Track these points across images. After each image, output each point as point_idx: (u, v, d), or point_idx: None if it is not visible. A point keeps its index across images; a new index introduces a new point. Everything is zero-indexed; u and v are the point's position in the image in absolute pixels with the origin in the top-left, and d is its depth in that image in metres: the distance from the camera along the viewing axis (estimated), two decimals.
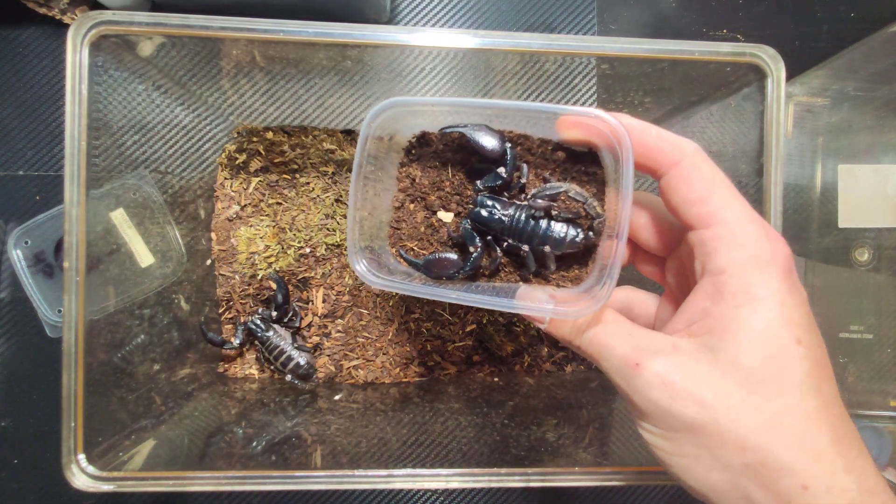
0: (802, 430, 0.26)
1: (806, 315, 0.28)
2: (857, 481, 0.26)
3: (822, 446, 0.26)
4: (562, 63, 0.52)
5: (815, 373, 0.27)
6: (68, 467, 0.39)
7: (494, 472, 0.41)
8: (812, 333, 0.28)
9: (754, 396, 0.27)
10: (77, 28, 0.38)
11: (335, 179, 0.59)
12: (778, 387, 0.27)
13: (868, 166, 0.66)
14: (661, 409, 0.28)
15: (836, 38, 0.67)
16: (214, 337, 0.56)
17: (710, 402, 0.27)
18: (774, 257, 0.28)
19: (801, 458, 0.26)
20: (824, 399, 0.27)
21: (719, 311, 0.28)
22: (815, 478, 0.26)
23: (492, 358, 0.62)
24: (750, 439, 0.26)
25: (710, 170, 0.30)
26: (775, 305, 0.27)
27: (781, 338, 0.27)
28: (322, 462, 0.44)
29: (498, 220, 0.37)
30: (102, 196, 0.43)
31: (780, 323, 0.27)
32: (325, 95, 0.57)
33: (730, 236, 0.28)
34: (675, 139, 0.30)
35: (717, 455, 0.27)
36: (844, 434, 0.27)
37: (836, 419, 0.27)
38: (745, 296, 0.28)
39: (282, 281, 0.57)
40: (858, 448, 0.27)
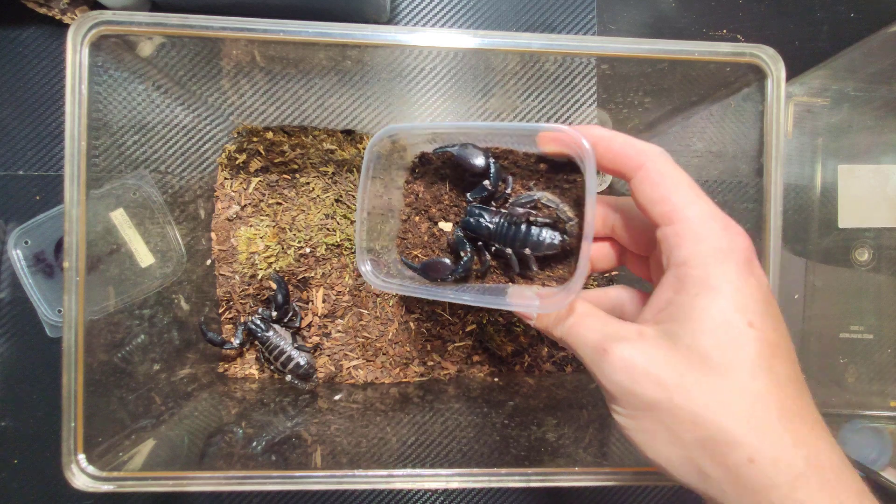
0: (751, 407, 0.28)
1: (761, 301, 0.30)
2: (805, 455, 0.27)
3: (770, 422, 0.28)
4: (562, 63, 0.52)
5: (765, 353, 0.29)
6: (68, 467, 0.39)
7: (494, 472, 0.41)
8: (766, 317, 0.29)
9: (707, 377, 0.29)
10: (77, 28, 0.38)
11: (335, 179, 0.59)
12: (729, 367, 0.29)
13: (868, 166, 0.66)
14: (624, 390, 0.31)
15: (836, 38, 0.67)
16: (214, 337, 0.56)
17: (666, 382, 0.29)
18: (732, 248, 0.30)
19: (749, 433, 0.28)
20: (775, 378, 0.28)
21: (680, 301, 0.30)
22: (761, 451, 0.27)
23: (492, 358, 0.62)
24: (702, 416, 0.28)
25: (671, 171, 0.32)
26: (730, 293, 0.29)
27: (734, 322, 0.29)
28: (322, 462, 0.44)
29: (485, 228, 0.40)
30: (102, 196, 0.43)
31: (732, 309, 0.29)
32: (325, 95, 0.57)
33: (690, 231, 0.31)
34: (640, 145, 0.33)
35: (672, 431, 0.30)
36: (797, 411, 0.28)
37: (788, 397, 0.28)
38: (702, 285, 0.30)
39: (282, 281, 0.57)
40: (812, 424, 0.28)
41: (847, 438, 0.62)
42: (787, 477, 0.27)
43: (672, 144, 0.57)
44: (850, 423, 0.63)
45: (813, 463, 0.27)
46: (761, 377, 0.28)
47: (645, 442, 0.31)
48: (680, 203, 0.31)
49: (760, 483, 0.27)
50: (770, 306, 0.30)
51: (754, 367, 0.28)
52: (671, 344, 0.30)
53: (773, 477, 0.27)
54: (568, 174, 0.40)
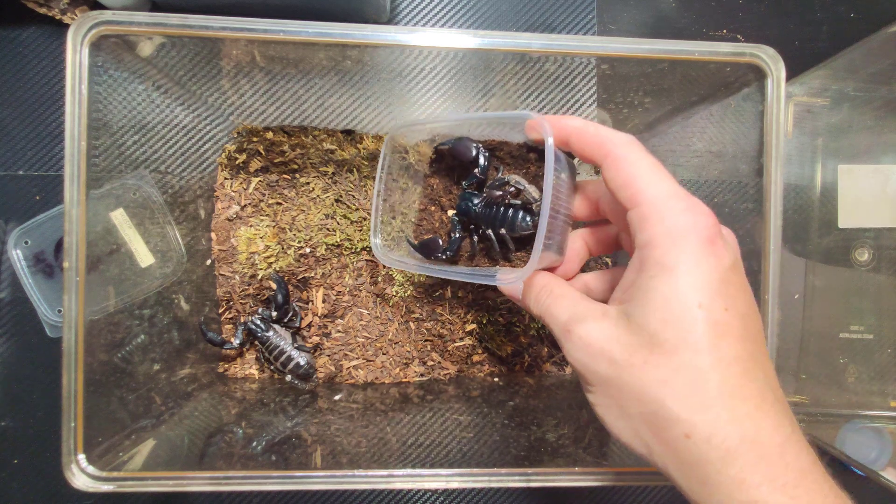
0: (691, 384, 0.29)
1: (716, 280, 0.30)
2: (741, 432, 0.28)
3: (708, 399, 0.28)
4: (562, 63, 0.52)
5: (711, 333, 0.29)
6: (68, 467, 0.39)
7: (494, 472, 0.41)
8: (718, 297, 0.30)
9: (654, 355, 0.30)
10: (77, 28, 0.38)
11: (335, 179, 0.59)
12: (675, 346, 0.29)
13: (868, 166, 0.66)
14: (584, 367, 0.33)
15: (836, 38, 0.67)
16: (214, 337, 0.56)
17: (618, 359, 0.31)
18: (692, 227, 0.30)
19: (686, 409, 0.29)
20: (720, 356, 0.29)
21: (638, 282, 0.31)
22: (697, 427, 0.28)
23: (492, 358, 0.62)
24: (646, 392, 0.30)
25: (636, 156, 0.33)
26: (683, 273, 0.30)
27: (683, 302, 0.29)
28: (322, 462, 0.44)
29: (472, 210, 0.44)
30: (102, 196, 0.43)
31: (684, 289, 0.30)
32: (325, 95, 0.57)
33: (652, 212, 0.31)
34: (610, 133, 0.34)
35: (622, 405, 0.31)
36: (738, 389, 0.29)
37: (731, 375, 0.29)
38: (659, 266, 0.30)
39: (282, 281, 0.57)
40: (757, 403, 0.29)
41: (847, 438, 0.62)
42: (719, 453, 0.28)
43: (672, 144, 0.57)
44: (850, 423, 0.63)
45: (749, 439, 0.28)
46: (704, 355, 0.29)
47: (603, 415, 0.33)
48: (642, 185, 0.32)
49: (696, 458, 0.28)
50: (726, 285, 0.30)
51: (699, 346, 0.29)
52: (626, 323, 0.31)
53: (706, 452, 0.28)
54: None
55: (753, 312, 0.31)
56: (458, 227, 0.46)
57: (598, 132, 0.34)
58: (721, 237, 0.31)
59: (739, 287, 0.31)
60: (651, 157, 0.33)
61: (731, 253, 0.31)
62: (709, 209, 0.31)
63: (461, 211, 0.45)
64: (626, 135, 0.34)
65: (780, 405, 0.30)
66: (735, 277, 0.31)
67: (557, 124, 0.35)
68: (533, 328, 0.59)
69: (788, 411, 0.30)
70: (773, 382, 0.30)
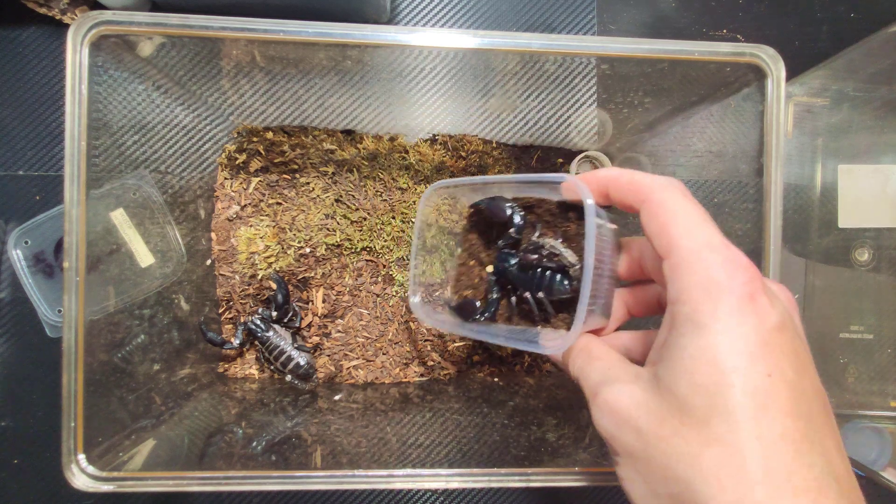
0: (725, 464, 0.25)
1: (757, 342, 0.26)
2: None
3: (747, 485, 0.24)
4: (562, 63, 0.52)
5: (751, 404, 0.25)
6: (68, 467, 0.39)
7: (494, 472, 0.41)
8: (759, 360, 0.25)
9: (684, 426, 0.26)
10: (77, 28, 0.38)
11: (335, 179, 0.59)
12: (706, 416, 0.25)
13: (868, 166, 0.66)
14: (610, 435, 0.29)
15: (836, 38, 0.67)
16: (214, 337, 0.56)
17: (644, 430, 0.27)
18: (728, 282, 0.27)
19: (718, 493, 0.24)
20: (761, 433, 0.24)
21: (669, 340, 0.28)
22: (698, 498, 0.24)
23: (492, 358, 0.62)
24: (674, 469, 0.26)
25: (674, 201, 0.30)
26: (716, 333, 0.26)
27: (716, 364, 0.26)
28: (322, 462, 0.44)
29: (509, 272, 0.42)
30: (102, 196, 0.43)
31: (716, 350, 0.26)
32: (325, 95, 0.57)
33: (685, 264, 0.28)
34: (646, 178, 0.31)
35: (649, 483, 0.28)
36: (788, 475, 0.24)
37: (777, 456, 0.24)
38: (690, 324, 0.27)
39: (282, 281, 0.57)
40: (814, 498, 0.24)
41: (847, 438, 0.62)
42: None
43: (672, 144, 0.57)
44: (850, 423, 0.63)
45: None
46: (741, 432, 0.24)
47: (630, 491, 0.29)
48: (677, 232, 0.29)
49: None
50: (769, 348, 0.26)
51: (734, 416, 0.25)
52: (655, 387, 0.28)
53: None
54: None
55: (809, 384, 0.27)
56: (496, 288, 0.44)
57: (633, 178, 0.32)
58: (765, 294, 0.27)
59: (788, 352, 0.26)
60: (691, 202, 0.30)
61: (777, 312, 0.27)
62: (750, 262, 0.28)
63: (498, 272, 0.43)
64: (665, 178, 0.31)
65: (842, 495, 0.24)
66: (782, 340, 0.26)
67: (593, 180, 0.33)
68: None
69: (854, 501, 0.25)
70: (836, 466, 0.25)
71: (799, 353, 0.27)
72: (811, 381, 0.27)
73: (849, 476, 0.26)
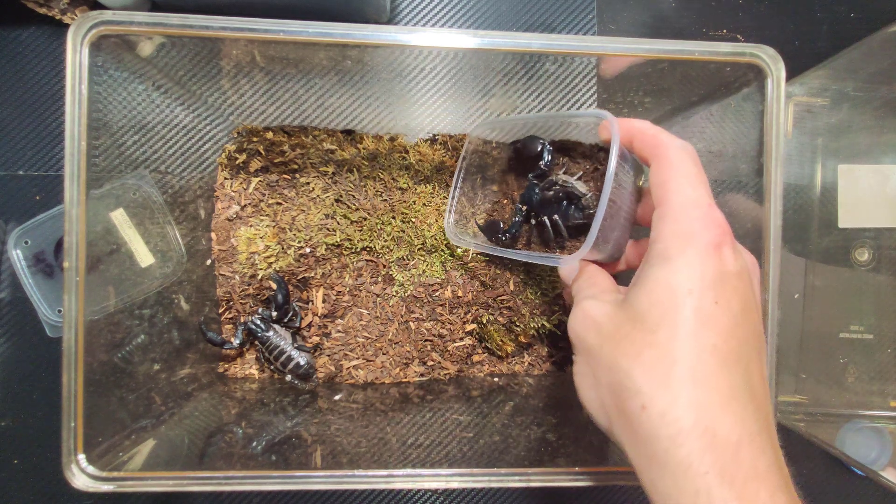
0: (660, 360, 0.29)
1: (714, 278, 0.30)
2: (695, 417, 0.27)
3: (673, 378, 0.28)
4: (562, 63, 0.52)
5: (695, 319, 0.29)
6: (68, 467, 0.39)
7: (494, 472, 0.41)
8: (711, 290, 0.30)
9: (636, 332, 0.31)
10: (77, 28, 0.38)
11: (335, 179, 0.59)
12: (656, 325, 0.30)
13: (868, 166, 0.66)
14: (576, 336, 0.35)
15: (836, 38, 0.67)
16: (214, 337, 0.56)
17: (605, 332, 0.33)
18: (701, 233, 0.31)
19: (649, 382, 0.29)
20: (696, 343, 0.29)
21: (641, 271, 0.33)
22: (654, 401, 0.29)
23: (492, 358, 0.62)
24: (618, 362, 0.31)
25: (680, 161, 0.34)
26: (680, 265, 0.30)
27: (673, 287, 0.30)
28: (322, 462, 0.44)
29: (534, 199, 0.49)
30: (102, 196, 0.43)
31: (677, 276, 0.30)
32: (325, 95, 0.57)
33: (670, 214, 0.32)
34: (665, 137, 0.36)
35: (595, 374, 0.33)
36: (707, 377, 0.28)
37: (703, 362, 0.28)
38: (660, 258, 0.32)
39: (282, 281, 0.57)
40: (724, 397, 0.28)
41: (847, 438, 0.62)
42: (670, 431, 0.28)
43: None
44: (850, 423, 0.63)
45: (703, 427, 0.27)
46: (681, 339, 0.29)
47: (579, 384, 0.35)
48: (673, 187, 0.33)
49: (648, 432, 0.29)
50: (723, 284, 0.30)
51: (678, 329, 0.29)
52: (622, 303, 0.33)
53: (658, 428, 0.28)
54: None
55: (751, 320, 0.31)
56: (521, 214, 0.51)
57: (656, 133, 0.36)
58: (731, 248, 0.31)
59: (740, 293, 0.31)
60: (695, 167, 0.34)
61: (738, 264, 0.31)
62: (725, 222, 0.32)
63: (524, 200, 0.50)
64: (682, 142, 0.35)
65: (755, 407, 0.29)
66: (737, 283, 0.31)
67: (625, 125, 0.37)
68: (533, 328, 0.59)
69: (764, 416, 0.29)
70: (755, 386, 0.30)
71: (748, 298, 0.31)
72: (753, 322, 0.31)
73: (764, 393, 0.30)
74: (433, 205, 0.60)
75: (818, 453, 0.67)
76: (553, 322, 0.59)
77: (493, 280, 0.58)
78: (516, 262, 0.58)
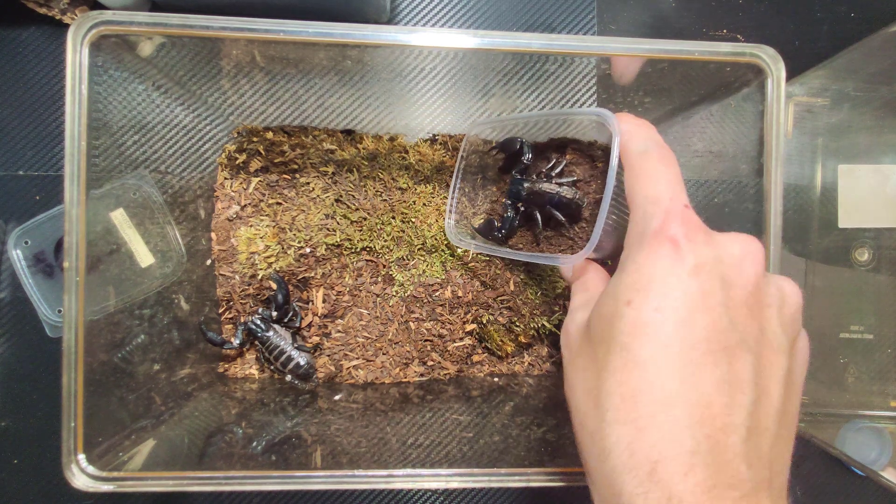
0: (595, 378, 0.29)
1: (657, 280, 0.28)
2: (618, 434, 0.26)
3: (602, 396, 0.28)
4: (562, 63, 0.52)
5: (628, 331, 0.27)
6: (68, 467, 0.39)
7: (494, 472, 0.41)
8: (651, 296, 0.27)
9: (586, 348, 0.31)
10: (77, 28, 0.38)
11: (335, 179, 0.59)
12: (598, 342, 0.30)
13: (868, 166, 0.66)
14: (561, 347, 0.35)
15: (836, 38, 0.67)
16: (214, 337, 0.56)
17: (573, 349, 0.33)
18: (656, 231, 0.29)
19: (585, 402, 0.30)
20: (627, 357, 0.27)
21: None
22: (588, 420, 0.29)
23: (492, 358, 0.62)
24: (572, 381, 0.32)
25: (638, 164, 0.33)
26: (627, 272, 0.29)
27: (616, 299, 0.29)
28: (322, 462, 0.44)
29: (521, 192, 0.51)
30: (102, 196, 0.43)
31: (620, 286, 0.29)
32: (325, 95, 0.57)
33: (635, 217, 0.31)
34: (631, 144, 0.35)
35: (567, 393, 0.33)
36: (635, 394, 0.26)
37: (631, 377, 0.27)
38: (619, 266, 0.31)
39: (282, 281, 0.57)
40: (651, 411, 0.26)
41: (847, 438, 0.62)
42: (597, 449, 0.28)
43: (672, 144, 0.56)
44: (850, 423, 0.63)
45: (623, 445, 0.26)
46: (613, 355, 0.28)
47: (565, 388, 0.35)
48: (634, 192, 0.32)
49: (584, 450, 0.30)
50: (667, 287, 0.27)
51: (611, 342, 0.28)
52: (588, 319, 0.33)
53: (590, 447, 0.29)
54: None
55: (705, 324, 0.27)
56: (511, 209, 0.52)
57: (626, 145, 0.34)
58: (692, 241, 0.28)
59: (692, 293, 0.27)
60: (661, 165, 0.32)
61: (697, 257, 0.28)
62: (688, 214, 0.29)
63: (511, 195, 0.52)
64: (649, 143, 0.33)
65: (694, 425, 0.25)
66: (690, 282, 0.27)
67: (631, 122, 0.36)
68: (533, 328, 0.59)
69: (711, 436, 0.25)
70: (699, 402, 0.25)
71: (706, 297, 0.27)
72: (710, 322, 0.27)
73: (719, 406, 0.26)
74: (433, 205, 0.60)
75: (818, 453, 0.67)
76: (553, 322, 0.59)
77: (493, 280, 0.58)
78: (516, 262, 0.58)
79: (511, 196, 0.52)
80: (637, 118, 0.36)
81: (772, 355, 0.28)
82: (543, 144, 0.56)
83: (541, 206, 0.50)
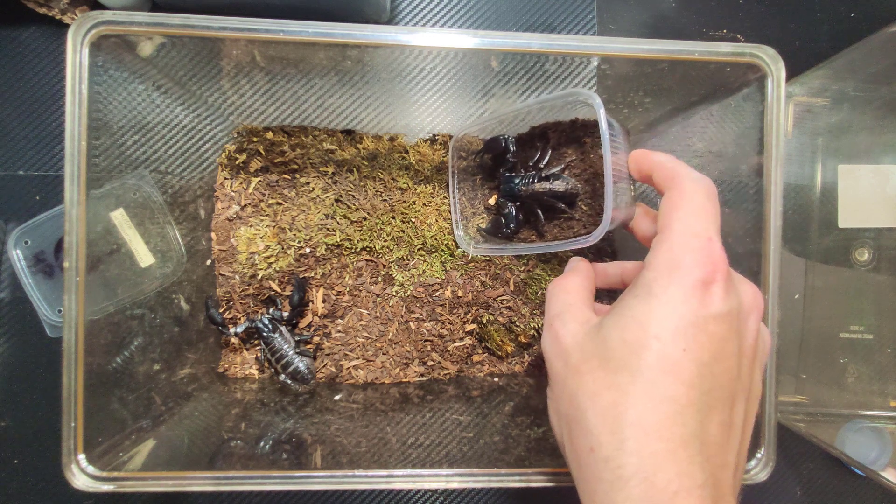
0: (615, 406, 0.29)
1: (687, 322, 0.29)
2: (638, 465, 0.27)
3: (622, 424, 0.28)
4: (562, 63, 0.52)
5: (656, 366, 0.28)
6: (68, 467, 0.39)
7: (494, 472, 0.41)
8: (681, 338, 0.29)
9: (600, 370, 0.30)
10: (77, 28, 0.38)
11: (335, 179, 0.59)
12: (619, 367, 0.29)
13: (868, 166, 0.66)
14: (548, 360, 0.34)
15: (836, 38, 0.67)
16: (216, 315, 0.56)
17: (572, 364, 0.32)
18: (690, 269, 0.30)
19: (600, 426, 0.29)
20: (652, 391, 0.28)
21: (624, 299, 0.32)
22: (602, 445, 0.29)
23: (492, 358, 0.62)
24: (577, 398, 0.31)
25: (691, 191, 0.33)
26: (659, 304, 0.29)
27: (645, 329, 0.29)
28: (322, 462, 0.44)
29: (515, 188, 0.52)
30: (102, 196, 0.43)
31: (651, 317, 0.29)
32: (325, 95, 0.57)
33: (667, 241, 0.31)
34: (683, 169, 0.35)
35: (558, 405, 0.33)
36: (657, 427, 0.28)
37: (656, 412, 0.28)
38: (644, 289, 0.31)
39: (301, 283, 0.57)
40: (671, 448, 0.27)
41: (847, 438, 0.62)
42: (612, 476, 0.28)
43: (672, 144, 0.57)
44: (850, 423, 0.63)
45: (643, 476, 0.27)
46: (639, 386, 0.28)
47: (549, 409, 0.35)
48: (677, 216, 0.32)
49: (593, 474, 0.29)
50: (696, 330, 0.29)
51: (638, 375, 0.29)
52: (595, 334, 0.32)
53: (602, 471, 0.29)
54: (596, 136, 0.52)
55: (724, 367, 0.30)
56: (509, 205, 0.53)
57: (675, 166, 0.35)
58: (721, 287, 0.30)
59: (714, 339, 0.29)
60: (708, 202, 0.33)
61: (724, 305, 0.30)
62: (723, 258, 0.30)
63: (506, 193, 0.53)
64: (700, 175, 0.35)
65: (705, 458, 0.28)
66: (714, 328, 0.29)
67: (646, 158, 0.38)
68: (533, 328, 0.59)
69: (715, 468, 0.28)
70: (710, 436, 0.29)
71: (725, 344, 0.30)
72: (725, 369, 0.30)
73: (721, 444, 0.29)
74: (433, 205, 0.60)
75: (818, 453, 0.67)
76: None
77: (493, 280, 0.58)
78: (516, 262, 0.58)
79: (506, 196, 0.53)
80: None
81: (754, 402, 0.33)
82: (526, 134, 0.57)
83: (539, 203, 0.51)
